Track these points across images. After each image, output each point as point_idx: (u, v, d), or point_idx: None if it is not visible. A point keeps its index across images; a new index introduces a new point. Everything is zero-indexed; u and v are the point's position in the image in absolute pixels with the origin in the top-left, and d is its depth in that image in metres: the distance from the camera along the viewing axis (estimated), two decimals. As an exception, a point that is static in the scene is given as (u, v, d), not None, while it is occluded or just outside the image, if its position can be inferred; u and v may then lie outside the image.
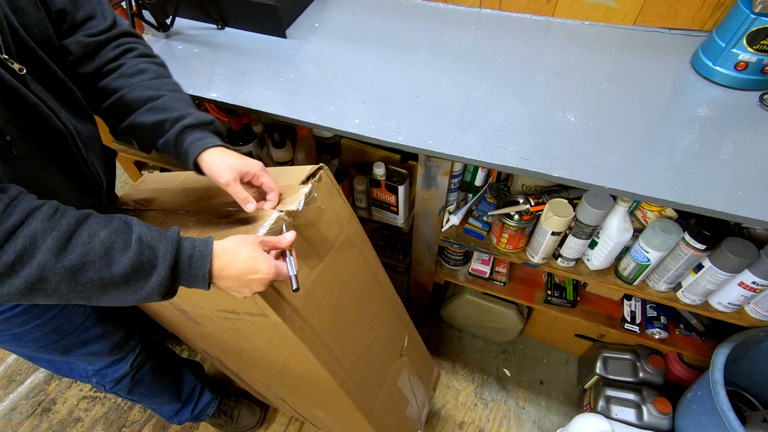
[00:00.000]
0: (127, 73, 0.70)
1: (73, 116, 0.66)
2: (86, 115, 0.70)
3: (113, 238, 0.51)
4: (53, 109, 0.60)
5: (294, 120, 0.92)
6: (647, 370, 1.29)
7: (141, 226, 0.55)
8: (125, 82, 0.70)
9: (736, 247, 0.86)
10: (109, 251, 0.51)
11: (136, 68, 0.70)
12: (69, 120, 0.63)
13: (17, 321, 0.75)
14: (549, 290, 1.29)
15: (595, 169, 0.78)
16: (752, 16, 0.83)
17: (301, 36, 1.13)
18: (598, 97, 0.92)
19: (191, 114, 0.68)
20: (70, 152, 0.64)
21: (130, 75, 0.70)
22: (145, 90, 0.69)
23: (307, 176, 0.68)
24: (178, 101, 0.69)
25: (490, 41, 1.09)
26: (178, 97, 0.70)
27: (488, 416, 1.43)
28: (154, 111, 0.68)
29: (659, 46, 1.04)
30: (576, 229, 0.97)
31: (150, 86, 0.69)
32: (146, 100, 0.68)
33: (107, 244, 0.51)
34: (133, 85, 0.69)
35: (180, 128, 0.66)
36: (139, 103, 0.68)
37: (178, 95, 0.71)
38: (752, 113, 0.88)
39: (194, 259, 0.55)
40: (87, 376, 0.98)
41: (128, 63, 0.71)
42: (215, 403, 1.33)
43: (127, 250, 0.52)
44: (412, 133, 0.87)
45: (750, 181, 0.75)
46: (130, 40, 0.74)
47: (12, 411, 1.50)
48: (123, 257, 0.51)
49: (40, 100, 0.57)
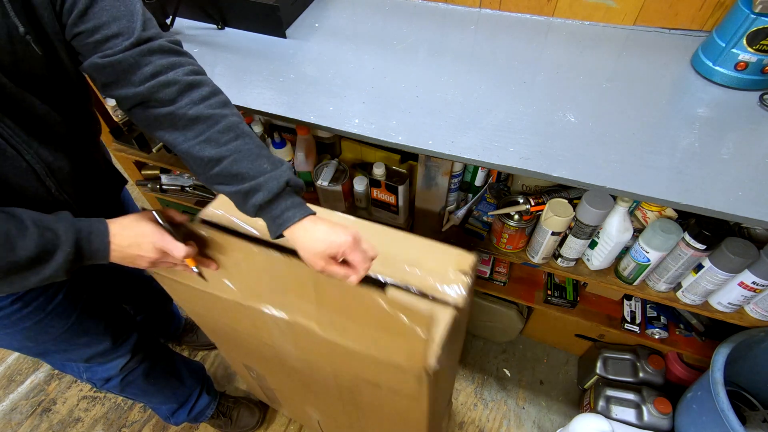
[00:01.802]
0: (178, 123, 0.59)
1: (51, 151, 0.64)
2: (67, 149, 0.68)
3: (6, 227, 0.53)
4: (17, 147, 0.59)
5: (294, 120, 0.92)
6: (647, 370, 1.29)
7: (28, 212, 0.56)
8: (177, 136, 0.60)
9: (736, 247, 0.86)
10: (7, 240, 0.53)
11: (186, 116, 0.58)
12: (39, 156, 0.62)
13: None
14: (549, 290, 1.29)
15: (595, 169, 0.78)
16: (752, 16, 0.83)
17: (301, 36, 1.13)
18: (598, 97, 0.92)
19: (261, 187, 0.58)
20: (36, 188, 0.64)
21: (184, 127, 0.59)
22: (205, 148, 0.59)
23: (470, 268, 0.70)
24: (244, 161, 0.59)
25: (490, 41, 1.09)
26: (243, 150, 0.60)
27: (488, 416, 1.43)
28: (220, 178, 0.60)
29: (659, 46, 1.04)
30: (576, 229, 0.97)
31: (210, 140, 0.59)
32: (207, 163, 0.59)
33: (3, 234, 0.53)
34: (187, 140, 0.59)
35: (254, 209, 0.60)
36: (201, 163, 0.60)
37: (242, 146, 0.60)
38: (752, 113, 0.87)
39: (93, 235, 0.60)
40: (79, 373, 0.98)
41: (176, 104, 0.59)
42: (214, 404, 1.33)
43: (26, 234, 0.54)
44: (412, 133, 0.87)
45: (750, 181, 0.75)
46: (166, 63, 0.59)
47: (12, 411, 1.50)
48: (24, 241, 0.54)
49: (1, 138, 0.57)
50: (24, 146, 0.60)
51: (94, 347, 0.91)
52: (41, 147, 0.62)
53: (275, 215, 0.60)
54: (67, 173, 0.68)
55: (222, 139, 0.59)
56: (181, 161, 1.35)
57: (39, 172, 0.63)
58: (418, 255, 0.73)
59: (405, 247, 0.75)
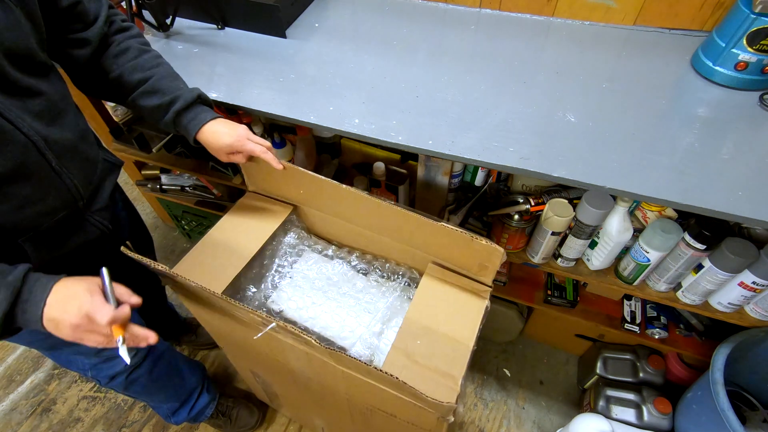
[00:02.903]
0: (112, 53, 0.75)
1: (45, 124, 0.64)
2: (63, 123, 0.69)
3: None
4: (12, 120, 0.59)
5: (294, 120, 0.92)
6: (647, 370, 1.29)
7: None
8: (112, 63, 0.75)
9: (736, 247, 0.86)
10: None
11: (118, 48, 0.75)
12: (35, 130, 0.62)
13: None
14: (549, 290, 1.29)
15: (595, 169, 0.78)
16: (752, 16, 0.83)
17: (301, 36, 1.13)
18: (598, 97, 0.92)
19: (179, 97, 0.75)
20: (37, 163, 0.63)
21: (115, 56, 0.75)
22: (134, 72, 0.75)
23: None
24: (166, 80, 0.77)
25: (490, 41, 1.09)
26: (164, 73, 0.77)
27: (488, 416, 1.43)
28: (147, 95, 0.76)
29: (659, 46, 1.04)
30: (576, 229, 0.97)
31: (137, 67, 0.75)
32: (137, 84, 0.75)
33: None
34: (121, 66, 0.75)
35: (174, 114, 0.76)
36: (132, 86, 0.75)
37: (163, 71, 0.78)
38: (752, 113, 0.88)
39: (28, 305, 0.57)
40: (84, 370, 0.98)
41: (113, 41, 0.76)
42: (214, 404, 1.33)
43: None
44: (412, 133, 0.87)
45: (750, 181, 0.75)
46: (112, 13, 0.77)
47: (12, 411, 1.49)
48: None
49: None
50: (19, 120, 0.60)
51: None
52: (34, 120, 0.62)
53: (190, 119, 0.77)
54: (61, 147, 0.67)
55: (147, 65, 0.76)
56: (181, 161, 1.36)
57: (38, 144, 0.62)
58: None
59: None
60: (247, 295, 0.84)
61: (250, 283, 0.85)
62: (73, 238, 0.76)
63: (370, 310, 0.81)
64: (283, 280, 0.86)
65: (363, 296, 0.83)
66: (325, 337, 0.79)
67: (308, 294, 0.84)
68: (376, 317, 0.80)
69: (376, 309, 0.81)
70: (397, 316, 0.81)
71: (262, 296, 0.84)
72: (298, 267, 0.88)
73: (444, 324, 0.71)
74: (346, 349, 0.77)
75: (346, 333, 0.78)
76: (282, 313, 0.82)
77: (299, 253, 0.90)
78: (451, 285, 0.75)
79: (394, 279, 0.86)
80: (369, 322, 0.79)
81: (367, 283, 0.85)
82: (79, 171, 0.72)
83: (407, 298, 0.83)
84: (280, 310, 0.82)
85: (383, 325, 0.79)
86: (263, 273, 0.87)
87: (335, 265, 0.88)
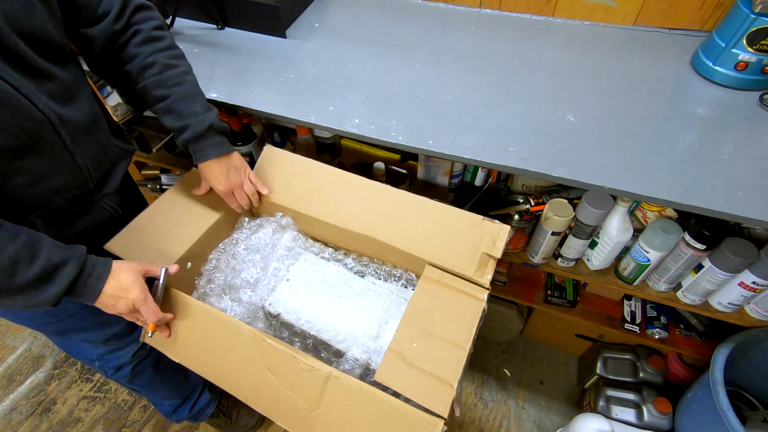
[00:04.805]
0: (139, 65, 0.75)
1: (60, 105, 0.65)
2: (78, 105, 0.70)
3: (20, 254, 0.56)
4: (29, 96, 0.59)
5: (294, 120, 0.92)
6: (647, 370, 1.29)
7: (48, 244, 0.60)
8: (138, 75, 0.76)
9: (736, 247, 0.86)
10: (15, 265, 0.56)
11: (145, 61, 0.75)
12: (51, 108, 0.63)
13: None
14: (549, 290, 1.29)
15: (595, 169, 0.78)
16: (752, 16, 0.83)
17: (301, 36, 1.13)
18: (598, 97, 0.92)
19: (190, 126, 0.76)
20: (52, 141, 0.64)
21: (142, 68, 0.75)
22: (156, 88, 0.75)
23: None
24: (182, 101, 0.76)
25: (490, 41, 1.09)
26: (183, 93, 0.76)
27: (488, 416, 1.43)
28: (165, 113, 0.76)
29: (659, 46, 1.04)
30: (576, 229, 0.97)
31: (158, 83, 0.75)
32: (156, 101, 0.76)
33: (14, 259, 0.56)
34: (146, 79, 0.75)
35: (183, 142, 0.77)
36: (153, 101, 0.76)
37: (183, 90, 0.76)
38: (752, 113, 0.87)
39: (91, 279, 0.63)
40: (91, 360, 0.99)
41: (140, 53, 0.75)
42: (214, 403, 1.33)
43: (33, 265, 0.57)
44: (412, 133, 0.87)
45: (750, 181, 0.75)
46: (139, 17, 0.76)
47: (12, 411, 1.50)
48: (28, 271, 0.57)
49: (11, 86, 0.57)
50: (35, 97, 0.61)
51: (111, 327, 0.93)
52: (49, 100, 0.63)
53: (196, 150, 0.78)
54: (75, 127, 0.68)
55: (169, 83, 0.75)
56: (181, 161, 1.36)
57: (53, 121, 0.63)
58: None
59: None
60: (243, 298, 0.84)
61: (246, 287, 0.85)
62: (83, 219, 0.77)
63: (367, 313, 0.81)
64: (280, 283, 0.86)
65: (360, 299, 0.83)
66: (323, 340, 0.79)
67: (305, 297, 0.84)
68: (373, 320, 0.79)
69: (373, 311, 0.81)
70: (393, 318, 0.80)
71: (258, 300, 0.84)
72: (295, 270, 0.87)
73: (440, 327, 0.71)
74: (343, 352, 0.77)
75: (343, 336, 0.78)
76: (279, 316, 0.82)
77: (296, 256, 0.90)
78: (448, 287, 0.75)
79: (391, 281, 0.86)
80: (366, 324, 0.79)
81: (364, 285, 0.85)
82: (91, 152, 0.73)
83: (404, 299, 0.83)
84: (277, 313, 0.82)
85: (380, 328, 0.79)
86: (259, 276, 0.87)
87: (332, 267, 0.88)
